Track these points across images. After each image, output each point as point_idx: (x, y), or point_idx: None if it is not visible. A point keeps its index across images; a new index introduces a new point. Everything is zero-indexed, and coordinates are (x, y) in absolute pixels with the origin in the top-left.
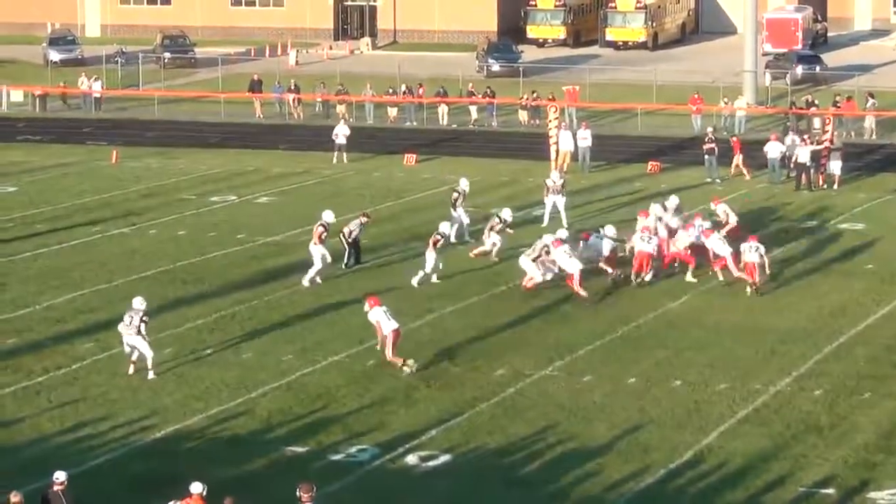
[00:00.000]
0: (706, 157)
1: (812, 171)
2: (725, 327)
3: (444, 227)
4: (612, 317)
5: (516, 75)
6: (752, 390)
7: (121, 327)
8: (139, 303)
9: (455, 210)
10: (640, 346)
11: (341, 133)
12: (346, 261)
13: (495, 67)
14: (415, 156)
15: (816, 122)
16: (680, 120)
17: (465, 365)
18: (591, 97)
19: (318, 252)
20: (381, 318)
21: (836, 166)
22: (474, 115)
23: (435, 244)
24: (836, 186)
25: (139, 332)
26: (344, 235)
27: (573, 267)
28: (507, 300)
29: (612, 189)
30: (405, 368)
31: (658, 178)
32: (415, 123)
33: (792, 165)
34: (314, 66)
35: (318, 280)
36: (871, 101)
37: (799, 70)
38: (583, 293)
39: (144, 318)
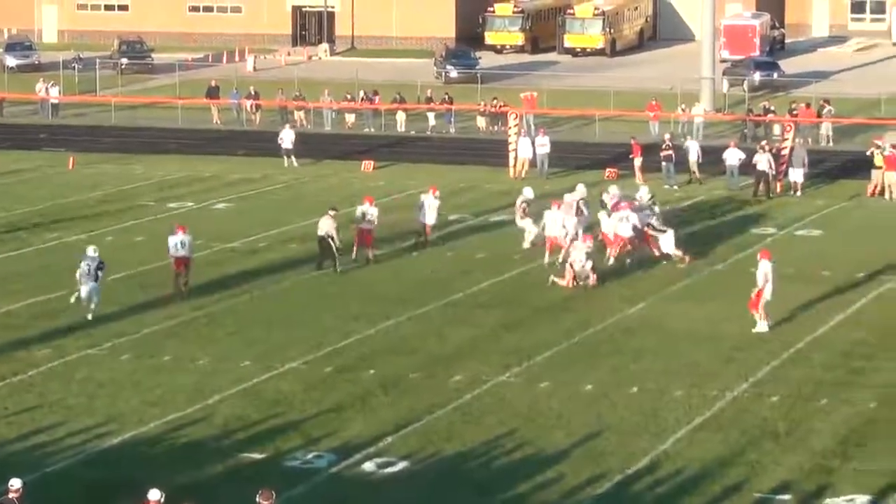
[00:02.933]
0: (664, 163)
1: (771, 178)
2: (682, 334)
3: (528, 192)
4: (569, 323)
5: (474, 81)
6: (708, 396)
7: (79, 275)
8: (93, 251)
9: (524, 219)
10: (597, 353)
11: (287, 138)
12: (335, 264)
13: (453, 74)
14: (372, 162)
15: (776, 129)
16: (637, 126)
17: (422, 371)
18: (550, 103)
19: (526, 224)
20: (170, 246)
21: (797, 173)
22: (432, 121)
23: (524, 211)
24: (798, 193)
25: (96, 279)
26: (332, 239)
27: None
28: (464, 306)
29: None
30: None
31: (615, 184)
32: (372, 130)
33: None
34: (272, 72)
35: (530, 245)
36: (827, 107)
37: (756, 77)
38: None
39: (101, 266)
